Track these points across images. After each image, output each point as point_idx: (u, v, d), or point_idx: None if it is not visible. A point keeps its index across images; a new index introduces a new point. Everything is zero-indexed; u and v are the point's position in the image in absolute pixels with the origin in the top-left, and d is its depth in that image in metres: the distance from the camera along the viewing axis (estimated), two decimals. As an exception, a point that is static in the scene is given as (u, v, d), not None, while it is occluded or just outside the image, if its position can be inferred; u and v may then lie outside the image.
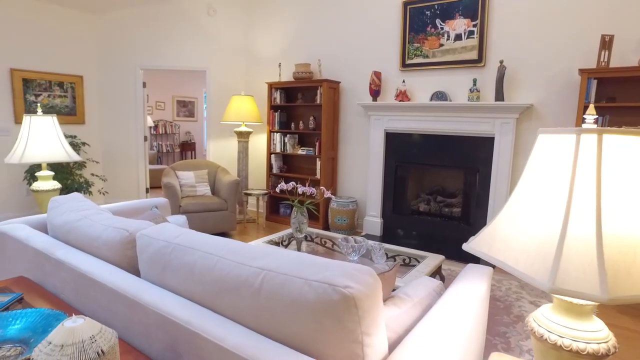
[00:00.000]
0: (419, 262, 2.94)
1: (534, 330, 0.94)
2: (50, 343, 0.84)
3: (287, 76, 5.42)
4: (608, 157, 0.79)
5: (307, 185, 3.25)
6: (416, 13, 4.30)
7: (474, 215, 4.14)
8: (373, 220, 4.76)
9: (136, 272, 1.52)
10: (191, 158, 9.44)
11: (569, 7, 3.49)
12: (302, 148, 5.12)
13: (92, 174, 5.09)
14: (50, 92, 4.73)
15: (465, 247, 1.00)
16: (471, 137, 4.04)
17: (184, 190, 4.56)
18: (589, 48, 3.45)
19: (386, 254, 3.13)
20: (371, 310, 0.96)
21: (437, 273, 2.92)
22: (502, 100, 3.75)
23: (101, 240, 1.56)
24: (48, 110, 4.70)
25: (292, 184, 3.20)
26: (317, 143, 4.87)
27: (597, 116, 3.31)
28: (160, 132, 8.78)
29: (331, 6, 4.94)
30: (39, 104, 2.88)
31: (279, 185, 3.22)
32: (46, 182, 2.77)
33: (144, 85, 5.46)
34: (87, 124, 5.19)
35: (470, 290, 1.36)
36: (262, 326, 1.06)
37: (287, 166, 5.46)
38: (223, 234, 4.61)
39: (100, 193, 5.28)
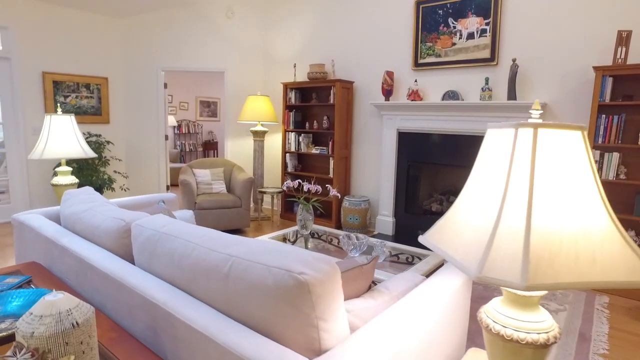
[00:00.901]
0: (421, 260, 2.94)
1: (482, 321, 0.96)
2: (32, 314, 0.95)
3: (302, 76, 5.51)
4: (542, 151, 0.82)
5: (312, 182, 3.31)
6: (429, 12, 4.28)
7: (486, 216, 4.08)
8: (385, 220, 4.77)
9: (131, 259, 1.63)
10: (214, 157, 9.70)
11: (584, 2, 3.40)
12: (316, 147, 5.19)
13: (115, 171, 5.35)
14: (77, 93, 5.02)
15: (420, 239, 1.03)
16: (483, 137, 3.99)
17: (200, 187, 4.73)
18: (605, 45, 3.35)
19: (390, 252, 3.15)
20: (325, 296, 1.01)
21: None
22: (515, 99, 3.68)
23: (101, 229, 1.68)
24: (76, 110, 4.99)
25: (297, 181, 3.27)
26: (330, 142, 4.92)
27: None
28: (184, 132, 9.09)
29: (344, 7, 4.98)
30: (58, 104, 3.09)
31: (285, 183, 3.30)
32: (65, 177, 2.99)
33: (165, 86, 5.69)
34: (111, 123, 5.47)
35: (441, 284, 1.39)
36: (230, 309, 1.13)
37: (301, 165, 5.55)
38: (237, 231, 4.74)
39: (122, 189, 5.55)
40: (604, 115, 3.20)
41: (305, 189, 3.22)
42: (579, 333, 2.62)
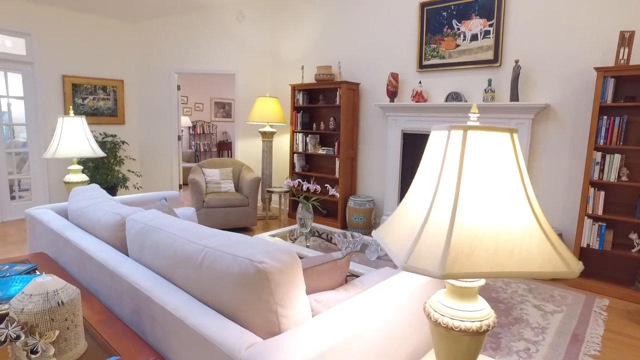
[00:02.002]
0: (415, 259, 2.99)
1: (424, 310, 1.04)
2: (23, 293, 1.08)
3: (309, 78, 5.62)
4: (471, 152, 0.88)
5: (312, 182, 3.41)
6: (433, 14, 4.31)
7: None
8: (389, 220, 4.82)
9: (126, 251, 1.76)
10: (228, 157, 9.91)
11: (587, 4, 3.38)
12: (322, 148, 5.27)
13: (129, 170, 5.58)
14: (95, 96, 5.28)
15: (373, 233, 1.11)
16: (485, 138, 4.00)
17: (209, 186, 4.88)
18: (608, 46, 3.32)
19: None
20: (284, 284, 1.10)
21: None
22: (517, 100, 3.69)
23: (101, 223, 1.82)
24: (93, 112, 5.25)
25: (297, 180, 3.37)
26: (336, 143, 5.01)
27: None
28: (199, 132, 9.32)
29: (351, 10, 5.06)
30: (71, 106, 3.29)
31: (285, 182, 3.41)
32: (76, 175, 3.19)
33: (179, 88, 5.89)
34: (126, 124, 5.72)
35: (408, 278, 1.45)
36: (203, 295, 1.24)
37: (309, 165, 5.65)
38: (244, 229, 4.87)
39: (135, 188, 5.78)
40: (605, 117, 3.17)
41: (304, 188, 3.31)
42: (573, 334, 2.62)
